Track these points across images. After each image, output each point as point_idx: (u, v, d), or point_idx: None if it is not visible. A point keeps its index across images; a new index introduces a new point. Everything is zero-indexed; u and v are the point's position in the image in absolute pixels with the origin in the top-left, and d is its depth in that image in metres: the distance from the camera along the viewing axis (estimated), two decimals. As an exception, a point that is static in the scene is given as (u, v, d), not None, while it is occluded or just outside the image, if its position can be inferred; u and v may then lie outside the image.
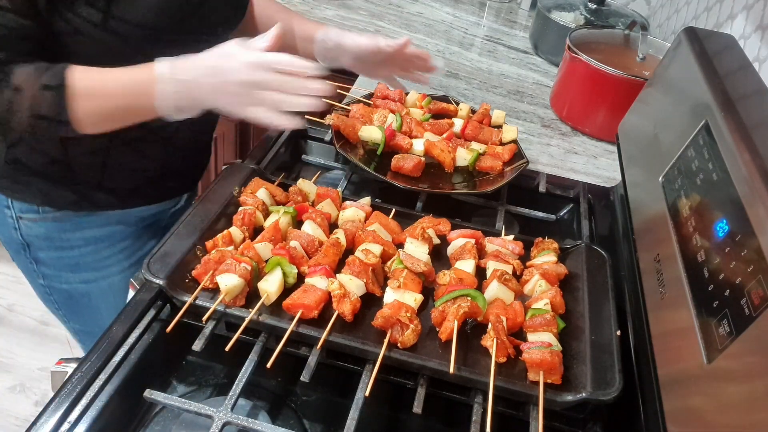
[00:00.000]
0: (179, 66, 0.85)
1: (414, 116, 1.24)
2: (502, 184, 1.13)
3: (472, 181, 1.16)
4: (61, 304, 1.20)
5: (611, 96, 1.41)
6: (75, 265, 1.13)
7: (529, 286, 0.92)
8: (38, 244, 1.10)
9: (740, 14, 1.33)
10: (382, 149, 1.16)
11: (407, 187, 1.10)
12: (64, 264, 1.13)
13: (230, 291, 0.81)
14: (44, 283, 1.16)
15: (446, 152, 1.14)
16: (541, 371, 0.77)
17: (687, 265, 0.72)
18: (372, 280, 0.86)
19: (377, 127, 1.18)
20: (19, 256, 1.14)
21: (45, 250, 1.11)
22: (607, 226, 1.17)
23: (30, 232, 1.09)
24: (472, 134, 1.24)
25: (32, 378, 2.08)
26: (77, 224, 1.09)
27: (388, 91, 1.29)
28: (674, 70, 0.99)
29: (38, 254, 1.12)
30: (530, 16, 2.13)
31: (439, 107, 1.30)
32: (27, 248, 1.11)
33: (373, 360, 0.78)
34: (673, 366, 0.70)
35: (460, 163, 1.18)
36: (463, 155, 1.17)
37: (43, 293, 1.19)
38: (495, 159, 1.19)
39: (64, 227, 1.09)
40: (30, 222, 1.08)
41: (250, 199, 0.97)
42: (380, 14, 1.95)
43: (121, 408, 0.78)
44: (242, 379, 0.75)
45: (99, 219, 1.10)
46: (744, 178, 0.66)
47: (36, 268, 1.14)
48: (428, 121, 1.25)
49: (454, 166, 1.17)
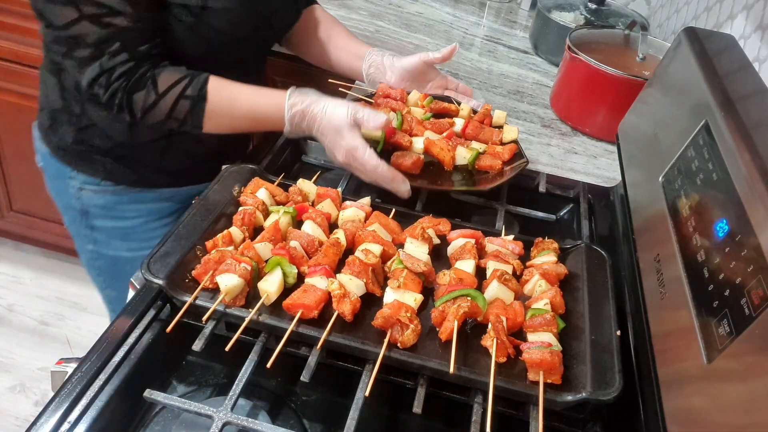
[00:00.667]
0: (301, 117, 1.05)
1: (415, 115, 1.25)
2: (501, 182, 1.13)
3: (472, 180, 1.17)
4: (104, 270, 1.32)
5: (611, 96, 1.41)
6: (125, 234, 1.25)
7: (529, 286, 0.92)
8: (95, 213, 1.23)
9: (740, 14, 1.33)
10: (381, 147, 1.16)
11: None
12: (116, 232, 1.25)
13: (230, 291, 0.81)
14: (93, 249, 1.28)
15: (446, 150, 1.15)
16: (541, 371, 0.77)
17: (687, 265, 0.72)
18: (372, 280, 0.86)
19: None
20: (74, 222, 1.26)
21: (101, 218, 1.23)
22: (607, 226, 1.17)
23: (90, 202, 1.21)
24: (472, 134, 1.25)
25: (32, 378, 2.08)
26: (133, 198, 1.22)
27: (390, 90, 1.29)
28: (674, 70, 0.99)
29: (94, 222, 1.24)
30: (530, 16, 2.13)
31: (440, 107, 1.30)
32: (85, 215, 1.23)
33: (373, 360, 0.78)
34: (673, 366, 0.70)
35: (460, 161, 1.18)
36: (462, 154, 1.18)
37: (90, 258, 1.31)
38: (495, 158, 1.19)
39: (121, 200, 1.22)
40: (91, 193, 1.20)
41: (250, 199, 0.97)
42: (380, 14, 1.95)
43: (121, 408, 0.78)
44: (242, 379, 0.75)
45: (152, 195, 1.23)
46: (744, 178, 0.66)
47: (89, 234, 1.26)
48: (429, 120, 1.25)
49: (454, 164, 1.17)
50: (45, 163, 1.23)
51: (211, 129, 1.06)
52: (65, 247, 2.36)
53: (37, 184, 2.14)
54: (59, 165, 1.20)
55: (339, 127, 1.02)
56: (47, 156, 1.21)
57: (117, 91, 1.00)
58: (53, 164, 1.21)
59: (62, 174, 1.20)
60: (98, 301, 1.41)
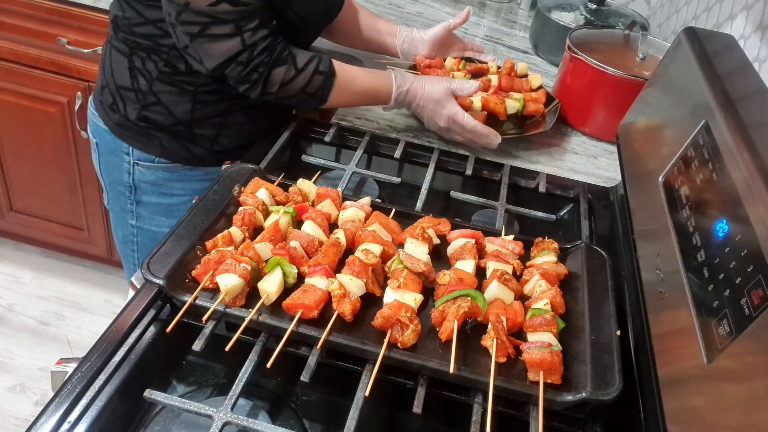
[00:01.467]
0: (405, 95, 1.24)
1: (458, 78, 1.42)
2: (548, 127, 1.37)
3: (523, 125, 1.41)
4: (142, 245, 1.38)
5: (611, 96, 1.41)
6: (170, 210, 1.31)
7: (529, 286, 0.92)
8: (145, 188, 1.29)
9: (740, 14, 1.33)
10: None
11: None
12: (162, 208, 1.31)
13: (230, 291, 0.81)
14: (135, 224, 1.35)
15: (499, 104, 1.36)
16: (541, 371, 0.77)
17: (687, 265, 0.72)
18: (372, 280, 0.86)
19: None
20: (120, 197, 1.32)
21: (149, 194, 1.30)
22: (607, 226, 1.17)
23: (142, 178, 1.27)
24: (508, 86, 1.46)
25: (32, 378, 2.08)
26: (183, 175, 1.28)
27: (427, 60, 1.48)
28: (674, 70, 0.99)
29: (142, 197, 1.30)
30: (530, 16, 2.13)
31: (475, 67, 1.51)
32: (134, 191, 1.30)
33: (373, 360, 0.78)
34: (673, 366, 0.70)
35: (510, 111, 1.39)
36: (511, 104, 1.39)
37: (129, 233, 1.37)
38: (535, 103, 1.41)
39: (172, 176, 1.28)
40: (144, 169, 1.26)
41: (250, 199, 0.97)
42: (380, 14, 1.93)
43: (121, 408, 0.78)
44: (242, 379, 0.75)
45: (200, 173, 1.29)
46: (744, 178, 0.66)
47: (134, 209, 1.32)
48: None
49: (507, 114, 1.38)
50: (100, 139, 1.29)
51: (332, 103, 1.18)
52: (65, 247, 2.36)
53: (38, 184, 2.15)
54: (117, 141, 1.25)
55: (439, 99, 1.23)
56: (104, 132, 1.27)
57: (259, 66, 1.08)
58: (110, 140, 1.26)
59: (118, 150, 1.26)
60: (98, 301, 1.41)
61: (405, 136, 1.36)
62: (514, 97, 1.41)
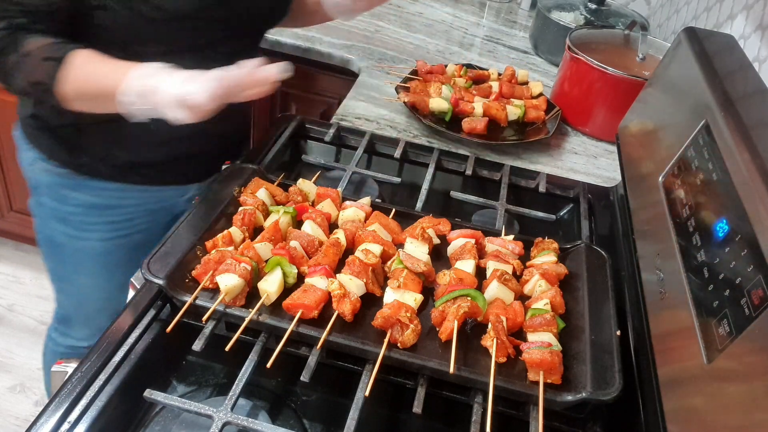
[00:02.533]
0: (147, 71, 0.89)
1: (459, 84, 1.49)
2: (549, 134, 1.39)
3: (524, 132, 1.42)
4: (43, 243, 1.32)
5: (611, 96, 1.41)
6: (63, 219, 1.23)
7: (529, 286, 0.92)
8: (41, 190, 1.22)
9: (740, 14, 1.33)
10: (450, 116, 1.38)
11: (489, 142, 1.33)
12: (55, 214, 1.23)
13: (230, 291, 0.81)
14: (38, 222, 1.30)
15: (500, 110, 1.39)
16: (541, 371, 0.77)
17: (687, 265, 0.72)
18: (372, 280, 0.86)
19: (442, 98, 1.40)
20: (31, 192, 1.27)
21: (45, 196, 1.22)
22: (607, 226, 1.17)
23: (38, 177, 1.21)
24: (509, 93, 1.49)
25: (32, 378, 2.07)
26: (78, 184, 1.18)
27: (428, 66, 1.51)
28: (674, 70, 0.99)
29: (40, 198, 1.24)
30: (530, 16, 2.13)
31: (476, 74, 1.54)
32: (34, 189, 1.25)
33: (373, 360, 0.78)
34: (673, 366, 0.70)
35: (512, 117, 1.41)
36: (513, 111, 1.41)
37: (36, 228, 1.32)
38: (536, 110, 1.44)
39: (64, 183, 1.19)
40: (39, 169, 1.19)
41: (250, 199, 0.97)
42: (380, 14, 1.95)
43: (121, 408, 0.78)
44: (242, 379, 0.75)
45: (98, 187, 1.18)
46: (744, 178, 0.66)
47: (35, 207, 1.27)
48: (471, 87, 1.50)
49: (508, 120, 1.40)
50: (15, 132, 1.24)
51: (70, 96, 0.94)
52: (65, 247, 2.36)
53: (37, 184, 2.15)
54: (21, 136, 1.21)
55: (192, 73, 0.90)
56: (17, 126, 1.23)
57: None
58: (17, 135, 1.23)
59: (21, 146, 1.22)
60: (98, 301, 1.42)
61: (405, 136, 1.36)
62: (516, 104, 1.43)
